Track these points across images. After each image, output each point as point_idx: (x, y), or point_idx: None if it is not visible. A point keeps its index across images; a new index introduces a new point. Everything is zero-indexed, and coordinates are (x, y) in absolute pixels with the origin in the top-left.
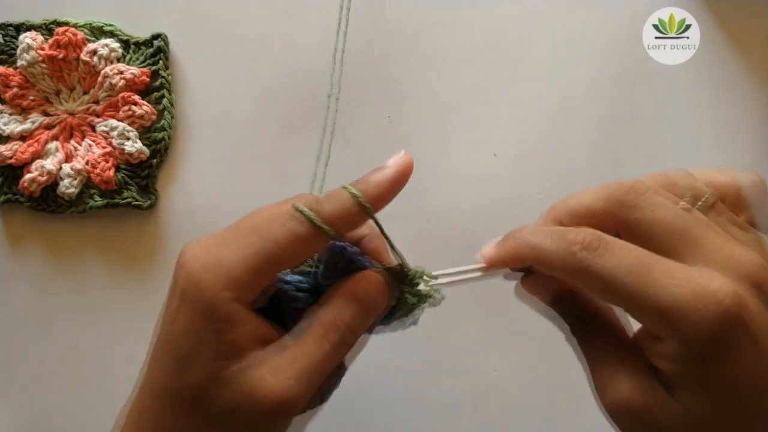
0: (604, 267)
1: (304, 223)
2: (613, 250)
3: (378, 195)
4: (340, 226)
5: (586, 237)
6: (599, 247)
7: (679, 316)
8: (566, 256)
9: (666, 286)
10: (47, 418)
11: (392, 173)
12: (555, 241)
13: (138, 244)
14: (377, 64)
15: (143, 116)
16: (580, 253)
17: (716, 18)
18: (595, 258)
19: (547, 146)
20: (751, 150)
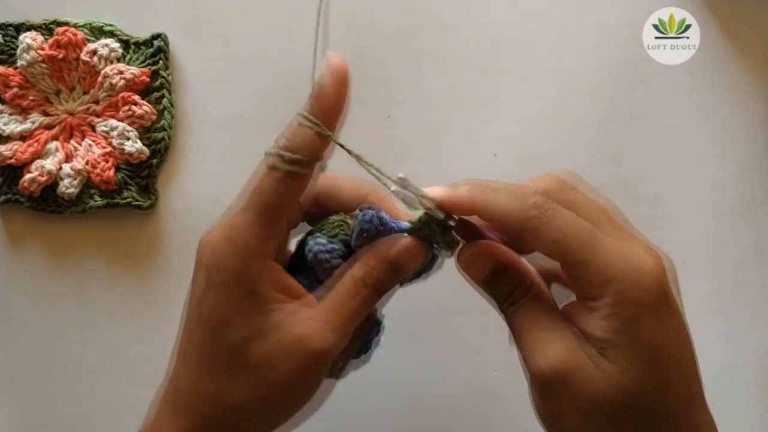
0: (556, 229)
1: (281, 164)
2: (563, 214)
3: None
4: (313, 154)
5: (540, 197)
6: (553, 209)
7: (618, 277)
8: (523, 211)
9: (608, 250)
10: (47, 418)
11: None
12: (510, 197)
13: (138, 244)
14: (377, 64)
15: (143, 116)
16: (533, 211)
17: (716, 18)
18: (549, 219)
19: (547, 146)
20: (751, 150)
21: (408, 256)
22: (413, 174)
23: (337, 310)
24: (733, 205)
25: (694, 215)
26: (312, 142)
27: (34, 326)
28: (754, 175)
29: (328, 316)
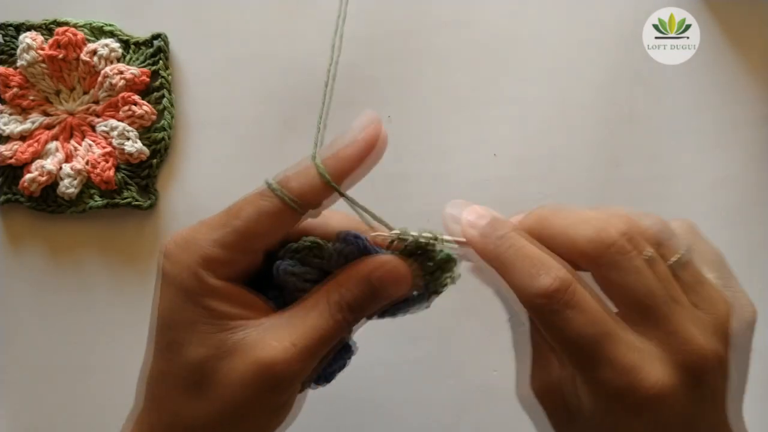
0: (561, 326)
1: (272, 198)
2: (575, 311)
3: (346, 171)
4: (309, 201)
5: (555, 284)
6: (563, 302)
7: (611, 398)
8: (530, 295)
9: (609, 373)
10: (47, 418)
11: (361, 149)
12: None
13: (138, 244)
14: (377, 64)
15: (143, 116)
16: (540, 300)
17: (716, 18)
18: (556, 313)
19: (547, 146)
20: (751, 149)
21: (392, 279)
22: (413, 174)
23: (305, 333)
24: (733, 205)
25: (694, 215)
26: (316, 190)
27: (34, 326)
28: (754, 175)
29: (296, 339)
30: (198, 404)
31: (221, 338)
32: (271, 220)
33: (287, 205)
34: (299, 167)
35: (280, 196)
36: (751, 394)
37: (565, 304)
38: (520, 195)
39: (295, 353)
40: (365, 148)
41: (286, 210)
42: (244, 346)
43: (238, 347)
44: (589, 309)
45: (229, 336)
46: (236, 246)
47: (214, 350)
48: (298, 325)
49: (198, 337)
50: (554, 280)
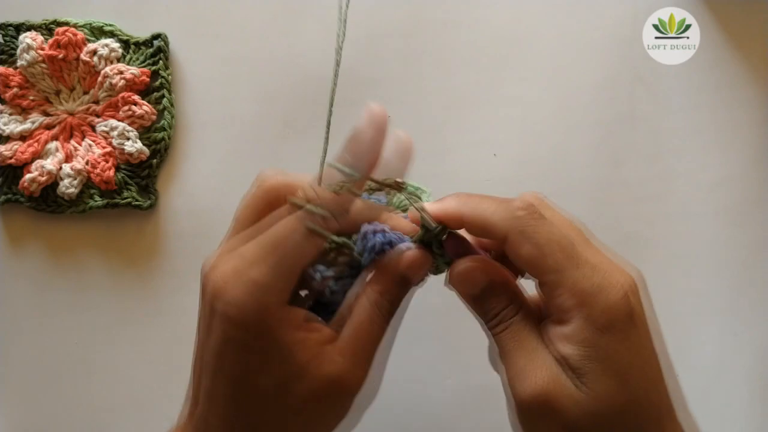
0: (541, 233)
1: (313, 220)
2: (547, 219)
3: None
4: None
5: (524, 202)
6: (538, 213)
7: (593, 300)
8: (510, 215)
9: (581, 273)
10: (47, 418)
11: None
12: (495, 202)
13: (138, 244)
14: (377, 64)
15: (143, 116)
16: (520, 212)
17: (716, 18)
18: (535, 222)
19: (547, 146)
20: (751, 149)
21: (416, 266)
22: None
23: (361, 342)
24: (733, 205)
25: (694, 215)
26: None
27: (34, 326)
28: (754, 175)
29: (355, 350)
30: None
31: (290, 364)
32: (312, 240)
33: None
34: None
35: (316, 212)
36: (750, 393)
37: (539, 213)
38: None
39: (358, 364)
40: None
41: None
42: (313, 366)
43: (307, 369)
44: (557, 214)
45: (296, 360)
46: (289, 272)
47: (285, 377)
48: (352, 336)
49: (268, 367)
50: (522, 200)
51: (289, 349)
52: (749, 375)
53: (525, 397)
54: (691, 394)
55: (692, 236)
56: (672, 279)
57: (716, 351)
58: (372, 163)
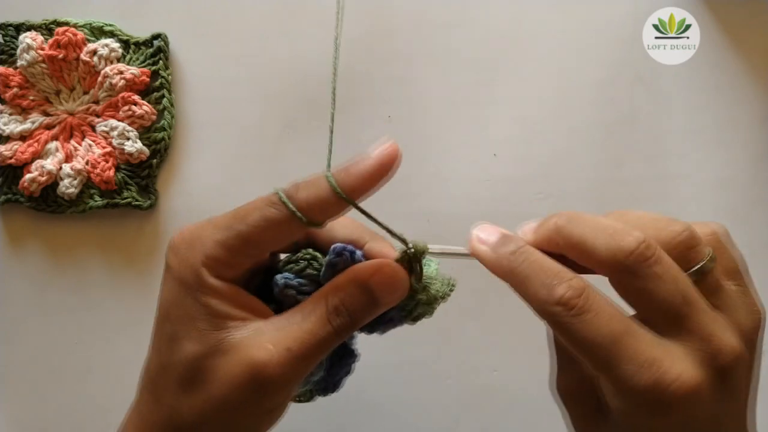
0: (578, 331)
1: (280, 207)
2: (590, 315)
3: (357, 186)
4: (317, 213)
5: (569, 293)
6: (578, 308)
7: (635, 397)
8: (546, 305)
9: (629, 370)
10: (47, 417)
11: (373, 164)
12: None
13: (138, 244)
14: (377, 64)
15: (143, 116)
16: (557, 308)
17: (716, 18)
18: (572, 319)
19: (547, 146)
20: (751, 149)
21: (390, 284)
22: (413, 174)
23: (302, 337)
24: (733, 205)
25: (694, 215)
26: (324, 202)
27: (34, 326)
28: (754, 175)
29: (292, 343)
30: (191, 400)
31: (217, 336)
32: (276, 229)
33: (293, 216)
34: (310, 178)
35: (287, 205)
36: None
37: (580, 309)
38: (520, 195)
39: (290, 357)
40: (378, 166)
41: (292, 220)
42: (239, 346)
43: (233, 347)
44: (605, 311)
45: (225, 335)
46: (239, 250)
47: (209, 348)
48: (295, 329)
49: (195, 333)
50: (568, 288)
51: (219, 319)
52: None
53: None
54: None
55: None
56: None
57: None
58: (361, 191)
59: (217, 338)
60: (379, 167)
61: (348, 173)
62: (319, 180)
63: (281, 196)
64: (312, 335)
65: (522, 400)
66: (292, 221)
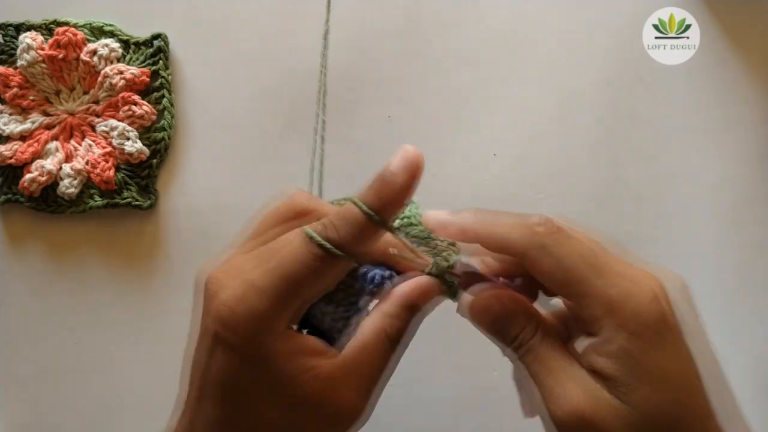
0: (561, 248)
1: (319, 252)
2: (566, 232)
3: (391, 207)
4: (356, 246)
5: (542, 217)
6: (555, 226)
7: (622, 306)
8: (526, 234)
9: (607, 282)
10: (47, 418)
11: (405, 181)
12: (512, 219)
13: (138, 244)
14: (377, 63)
15: (143, 116)
16: (539, 229)
17: (716, 18)
18: (553, 238)
19: (547, 146)
20: (751, 150)
21: (426, 295)
22: None
23: (364, 371)
24: (733, 205)
25: (694, 215)
26: (368, 239)
27: (34, 326)
28: (754, 175)
29: (356, 380)
30: None
31: (279, 381)
32: (323, 273)
33: (337, 258)
34: (342, 212)
35: (328, 250)
36: (750, 393)
37: (557, 227)
38: (520, 195)
39: (359, 395)
40: (409, 181)
41: (336, 262)
42: (307, 388)
43: (313, 399)
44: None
45: (303, 387)
46: (290, 301)
47: (272, 394)
48: (356, 363)
49: (255, 385)
50: (539, 216)
51: (278, 365)
52: (749, 375)
53: (562, 416)
54: None
55: (692, 236)
56: None
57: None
58: (397, 210)
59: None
60: (410, 182)
61: (380, 198)
62: (353, 212)
63: (320, 242)
64: (371, 365)
65: None
66: (337, 262)
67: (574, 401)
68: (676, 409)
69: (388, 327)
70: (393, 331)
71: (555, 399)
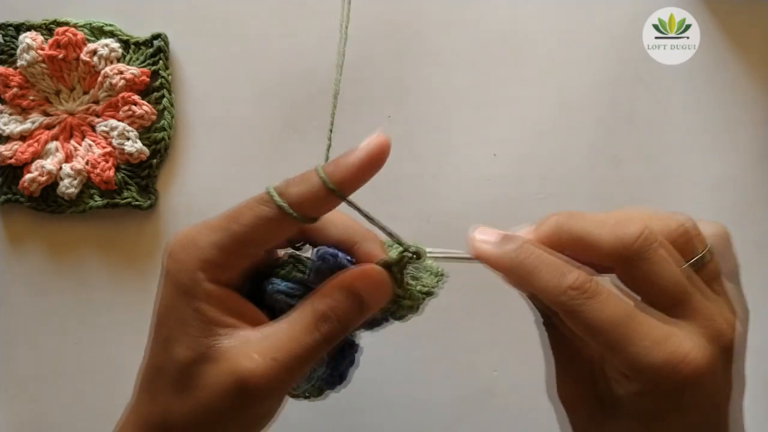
0: (590, 314)
1: (271, 206)
2: (601, 297)
3: (347, 179)
4: (308, 208)
5: (580, 278)
6: (590, 292)
7: (649, 374)
8: (558, 292)
9: (643, 347)
10: (47, 418)
11: (362, 156)
12: (550, 273)
13: (138, 244)
14: (377, 63)
15: (143, 116)
16: (570, 292)
17: (716, 18)
18: (584, 303)
19: (547, 146)
20: (751, 150)
21: (375, 288)
22: (413, 174)
23: (288, 346)
24: (733, 205)
25: (694, 215)
26: (316, 197)
27: (34, 326)
28: (754, 175)
29: (277, 353)
30: (182, 404)
31: (207, 343)
32: (270, 226)
33: (285, 213)
34: (301, 174)
35: (278, 203)
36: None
37: (591, 293)
38: (520, 195)
39: (276, 367)
40: (367, 158)
41: (284, 217)
42: (227, 355)
43: (220, 355)
44: (614, 294)
45: (214, 342)
46: (234, 251)
47: (198, 354)
48: (282, 338)
49: (187, 338)
50: (579, 275)
51: (210, 325)
52: (749, 375)
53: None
54: None
55: None
56: None
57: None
58: (351, 183)
59: (207, 345)
60: (369, 159)
61: (337, 166)
62: (310, 175)
63: (272, 193)
64: (298, 343)
65: (522, 400)
66: (285, 218)
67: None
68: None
69: (318, 303)
70: (322, 308)
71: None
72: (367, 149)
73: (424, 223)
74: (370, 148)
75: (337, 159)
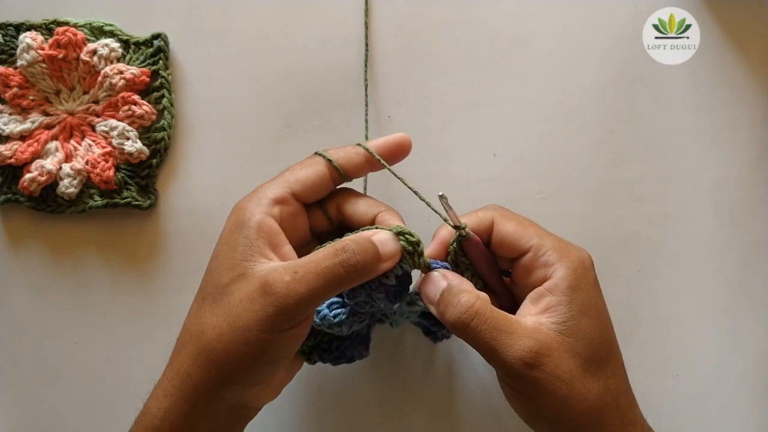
0: (517, 216)
1: (319, 160)
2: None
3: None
4: (351, 170)
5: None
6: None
7: (569, 253)
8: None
9: (554, 240)
10: (47, 418)
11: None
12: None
13: (138, 244)
14: (377, 64)
15: (143, 116)
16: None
17: (716, 18)
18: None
19: (547, 146)
20: (751, 149)
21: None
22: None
23: (308, 266)
24: (733, 205)
25: (694, 215)
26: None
27: (34, 326)
28: (754, 175)
29: (298, 268)
30: (217, 322)
31: (246, 266)
32: (321, 179)
33: (334, 170)
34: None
35: (327, 157)
36: (750, 393)
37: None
38: (520, 195)
39: (296, 278)
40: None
41: (333, 173)
42: (259, 273)
43: (254, 274)
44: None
45: (252, 266)
46: (285, 193)
47: (237, 274)
48: (305, 260)
49: (230, 262)
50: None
51: (254, 255)
52: (749, 375)
53: (520, 358)
54: (691, 394)
55: (692, 236)
56: (672, 279)
57: (716, 351)
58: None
59: (245, 267)
60: (399, 142)
61: (374, 142)
62: (353, 147)
63: (325, 154)
64: (318, 264)
65: None
66: (331, 172)
67: (527, 344)
68: (607, 338)
69: (346, 244)
70: (342, 244)
71: (508, 348)
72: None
73: (425, 223)
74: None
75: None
